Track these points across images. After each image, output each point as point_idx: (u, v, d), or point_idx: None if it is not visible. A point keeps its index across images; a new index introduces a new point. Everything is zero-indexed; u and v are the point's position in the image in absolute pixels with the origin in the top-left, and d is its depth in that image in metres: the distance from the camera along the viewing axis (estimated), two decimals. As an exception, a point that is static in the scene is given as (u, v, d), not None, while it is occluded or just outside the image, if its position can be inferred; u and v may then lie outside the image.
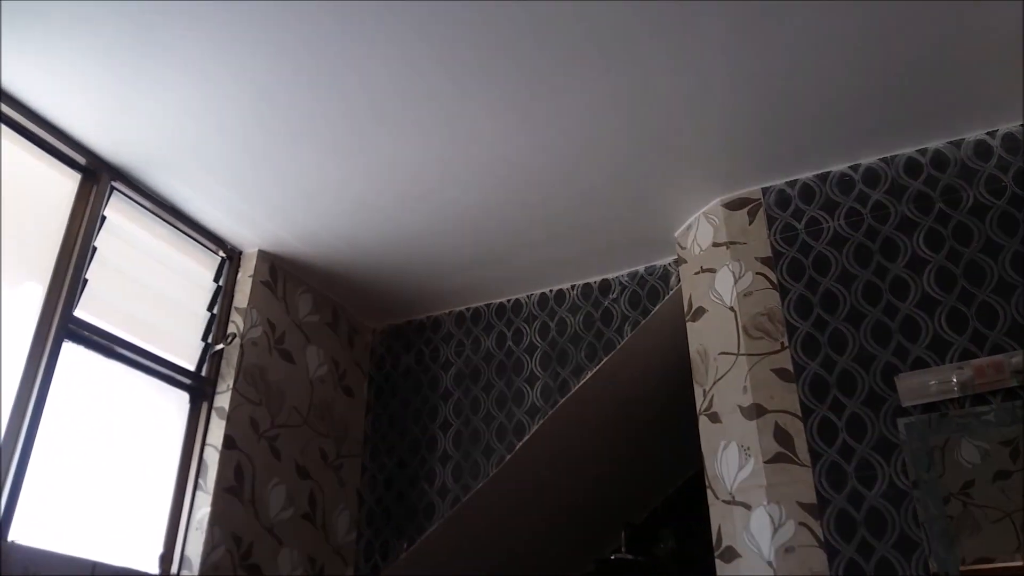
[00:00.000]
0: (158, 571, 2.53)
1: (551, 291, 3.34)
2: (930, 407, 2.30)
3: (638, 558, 3.74)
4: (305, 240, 3.04)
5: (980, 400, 2.25)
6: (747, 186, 2.79)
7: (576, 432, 3.27)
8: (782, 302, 2.61)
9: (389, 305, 3.49)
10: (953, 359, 2.32)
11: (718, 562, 2.43)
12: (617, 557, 3.74)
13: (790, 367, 2.52)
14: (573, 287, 3.31)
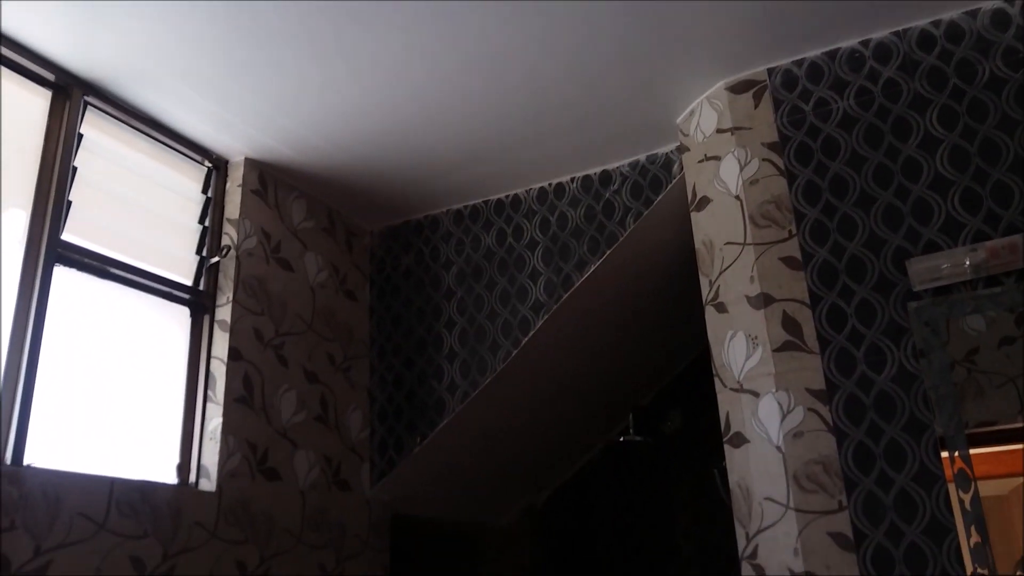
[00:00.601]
0: (176, 481, 2.57)
1: (550, 185, 3.26)
2: (941, 290, 2.28)
3: (646, 439, 3.83)
4: (292, 145, 2.93)
5: (993, 282, 2.22)
6: (752, 67, 2.66)
7: (581, 325, 3.27)
8: (789, 188, 2.54)
9: (385, 206, 3.41)
10: (966, 241, 2.27)
11: (727, 447, 2.47)
12: (625, 439, 3.83)
13: (798, 255, 2.48)
14: (573, 180, 3.22)
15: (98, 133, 2.59)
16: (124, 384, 2.52)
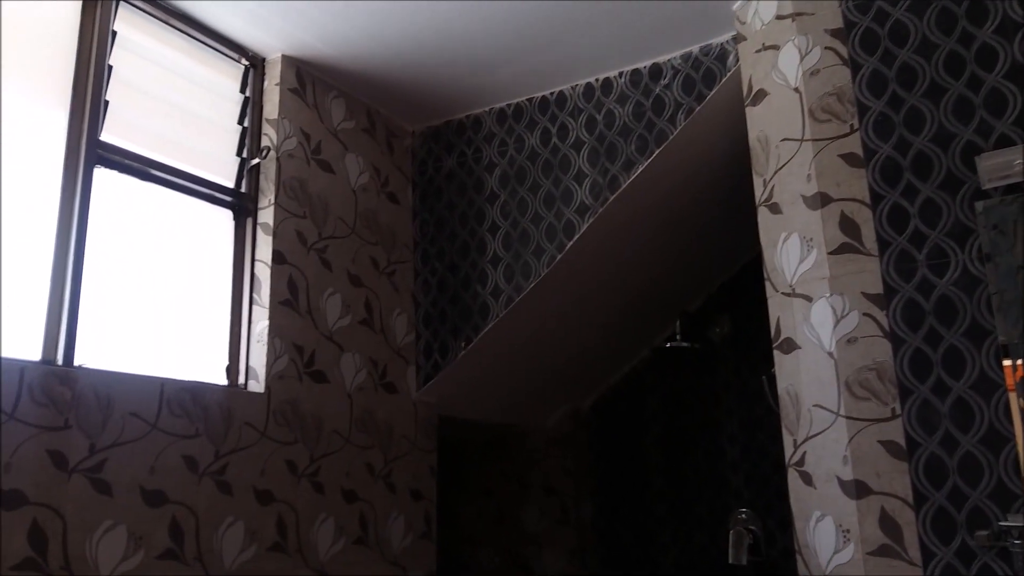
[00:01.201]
0: (226, 382, 2.62)
1: (597, 80, 3.11)
2: (1013, 188, 2.13)
3: (693, 345, 3.78)
4: (329, 42, 2.83)
5: (1072, 179, 2.07)
6: (817, -54, 2.46)
7: (627, 228, 3.18)
8: (853, 79, 2.37)
9: (426, 106, 3.31)
10: (1045, 135, 2.10)
11: (776, 353, 2.40)
12: (672, 345, 3.79)
13: (859, 151, 2.33)
14: (621, 74, 3.07)
15: (132, 30, 2.53)
16: (171, 287, 2.54)
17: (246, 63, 2.89)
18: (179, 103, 2.67)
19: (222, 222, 2.76)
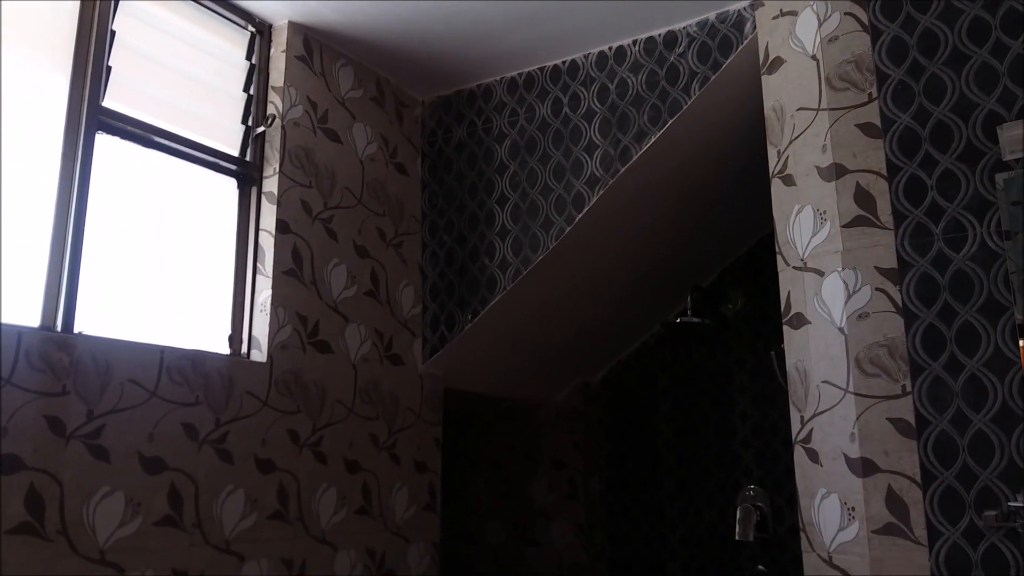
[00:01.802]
0: (229, 351, 2.61)
1: (610, 48, 3.04)
2: (1036, 159, 2.05)
3: (704, 320, 3.72)
4: (338, 8, 2.78)
5: (1098, 150, 1.98)
6: (837, -94, 2.36)
7: (638, 201, 3.12)
8: (873, 46, 2.29)
9: (436, 74, 3.26)
10: (1071, 104, 2.02)
11: (785, 328, 2.34)
12: (683, 320, 3.73)
13: (877, 121, 2.26)
14: (635, 42, 2.99)
15: (133, -6, 2.50)
16: (173, 256, 2.53)
17: (252, 29, 2.85)
18: (183, 69, 2.63)
19: (226, 190, 2.73)
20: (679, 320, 3.71)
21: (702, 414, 3.74)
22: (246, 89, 2.82)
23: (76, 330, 2.15)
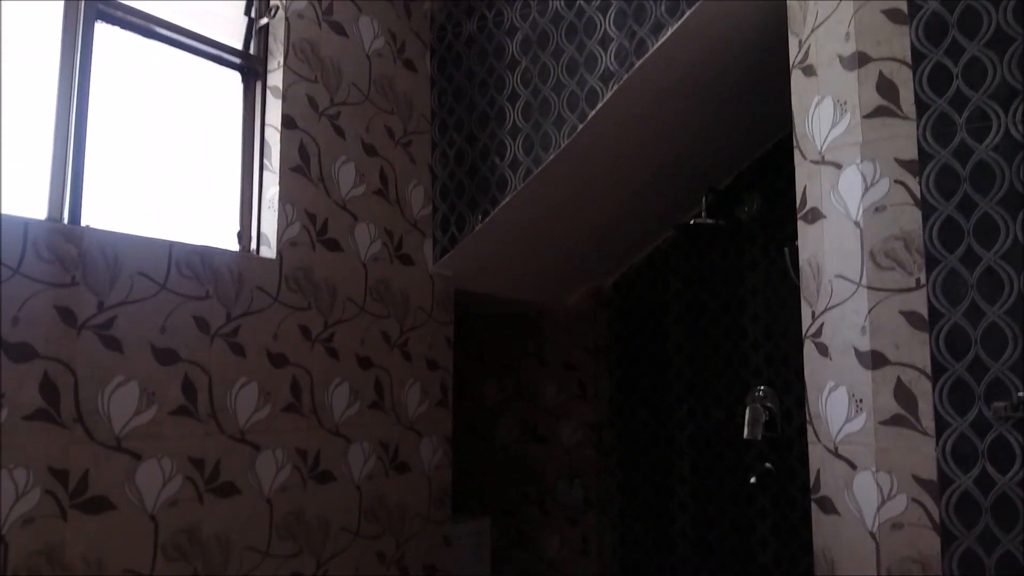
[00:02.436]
0: (238, 248, 2.60)
1: (625, -66, 2.90)
2: (1070, 43, 1.96)
3: (719, 222, 3.67)
4: None
5: None
6: None
7: (654, 97, 3.03)
8: (901, -76, 2.17)
9: (444, -36, 3.14)
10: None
11: (800, 224, 2.31)
12: (696, 222, 3.69)
13: (903, 7, 2.16)
14: (651, -73, 2.85)
15: None
16: (179, 150, 2.49)
17: (252, -86, 2.74)
18: (181, -45, 2.54)
19: (230, 84, 2.67)
20: (692, 222, 3.67)
21: (713, 316, 3.74)
22: (248, -22, 2.73)
23: (83, 223, 2.14)
